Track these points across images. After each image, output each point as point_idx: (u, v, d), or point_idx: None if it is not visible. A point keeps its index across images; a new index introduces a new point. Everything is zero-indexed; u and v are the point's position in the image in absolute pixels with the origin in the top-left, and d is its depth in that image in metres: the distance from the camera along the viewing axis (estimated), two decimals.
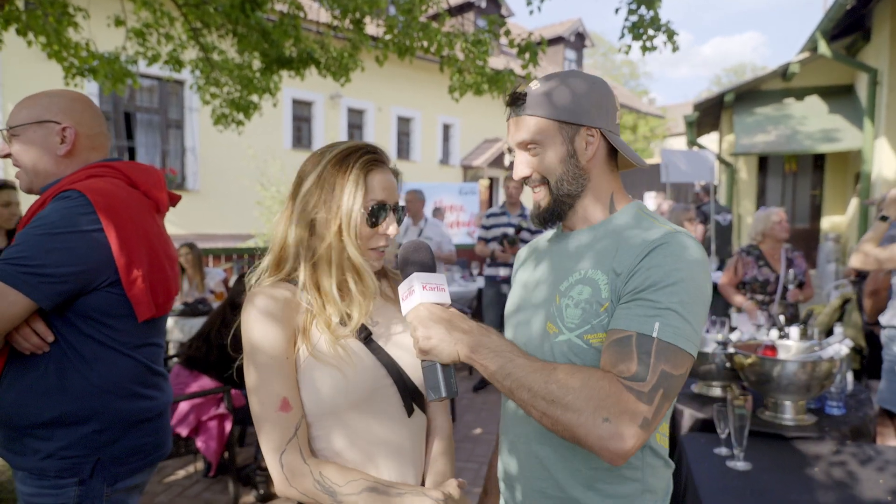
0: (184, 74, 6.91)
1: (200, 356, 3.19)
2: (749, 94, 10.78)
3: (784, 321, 3.25)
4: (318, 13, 6.14)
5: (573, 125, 1.09)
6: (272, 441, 1.05)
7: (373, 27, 5.55)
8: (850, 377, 2.73)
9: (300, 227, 1.12)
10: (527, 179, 1.14)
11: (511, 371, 0.96)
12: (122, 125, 11.00)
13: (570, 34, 20.00)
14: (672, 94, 74.31)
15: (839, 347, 2.32)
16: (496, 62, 15.04)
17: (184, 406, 3.10)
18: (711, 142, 13.35)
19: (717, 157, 10.71)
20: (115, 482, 1.49)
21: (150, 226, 1.56)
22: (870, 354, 4.15)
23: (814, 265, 9.87)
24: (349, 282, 1.12)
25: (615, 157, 1.16)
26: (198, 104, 8.96)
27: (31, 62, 7.46)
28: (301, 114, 13.91)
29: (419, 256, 1.08)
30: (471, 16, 15.75)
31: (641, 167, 1.16)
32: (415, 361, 1.13)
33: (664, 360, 0.93)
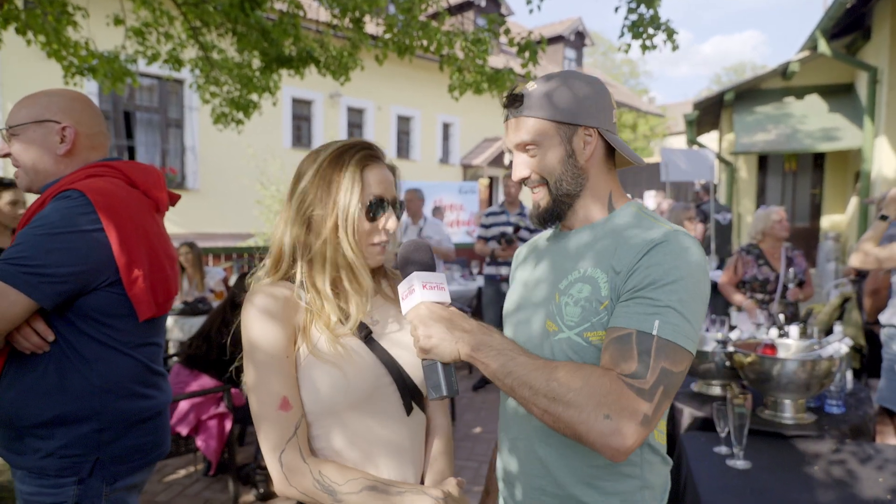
0: (183, 73, 6.89)
1: (200, 355, 3.20)
2: (749, 93, 10.78)
3: (784, 320, 3.24)
4: (318, 12, 6.13)
5: (571, 125, 1.09)
6: (271, 440, 1.05)
7: (372, 26, 5.55)
8: (850, 376, 2.73)
9: (297, 226, 1.12)
10: (526, 180, 1.15)
11: (512, 369, 0.96)
12: (122, 124, 11.00)
13: (570, 33, 19.98)
14: (672, 93, 74.46)
15: (839, 346, 2.32)
16: (496, 61, 15.05)
17: (184, 405, 3.10)
18: (711, 141, 13.34)
19: (717, 156, 10.70)
20: (115, 481, 1.49)
21: (150, 225, 1.56)
22: (869, 353, 4.15)
23: (814, 264, 9.87)
24: (343, 279, 1.12)
25: (613, 157, 1.17)
26: (197, 103, 8.96)
27: (31, 61, 7.46)
28: (301, 113, 13.90)
29: (419, 256, 1.08)
30: (470, 15, 15.74)
31: (639, 165, 1.17)
32: (415, 360, 1.13)
33: (664, 358, 0.94)
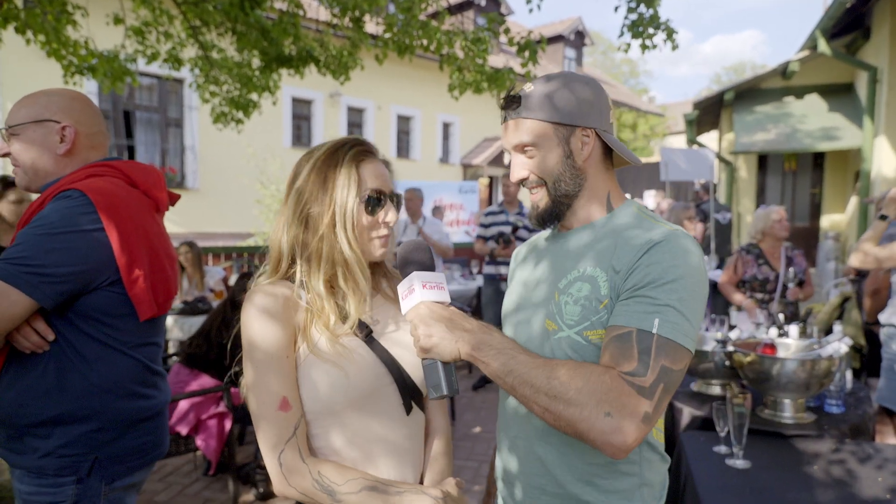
0: (183, 73, 6.90)
1: (200, 354, 3.20)
2: (749, 93, 10.78)
3: (783, 319, 3.24)
4: (318, 11, 6.14)
5: (568, 126, 1.10)
6: (270, 440, 1.05)
7: (372, 25, 5.55)
8: (850, 375, 2.73)
9: (295, 225, 1.12)
10: (524, 181, 1.15)
11: (513, 368, 0.97)
12: (122, 124, 10.99)
13: (570, 32, 19.98)
14: (672, 93, 74.51)
15: (838, 346, 2.32)
16: (496, 60, 15.06)
17: (183, 404, 3.10)
18: (711, 140, 13.34)
19: (717, 156, 10.70)
20: (113, 481, 1.49)
21: (150, 225, 1.56)
22: (869, 353, 4.15)
23: (813, 263, 9.87)
24: (339, 277, 1.12)
25: (610, 157, 1.17)
26: (197, 102, 8.95)
27: (30, 61, 7.45)
28: (301, 112, 13.89)
29: (419, 256, 1.08)
30: (470, 14, 15.73)
31: (636, 165, 1.18)
32: (415, 360, 1.13)
33: (664, 356, 0.95)
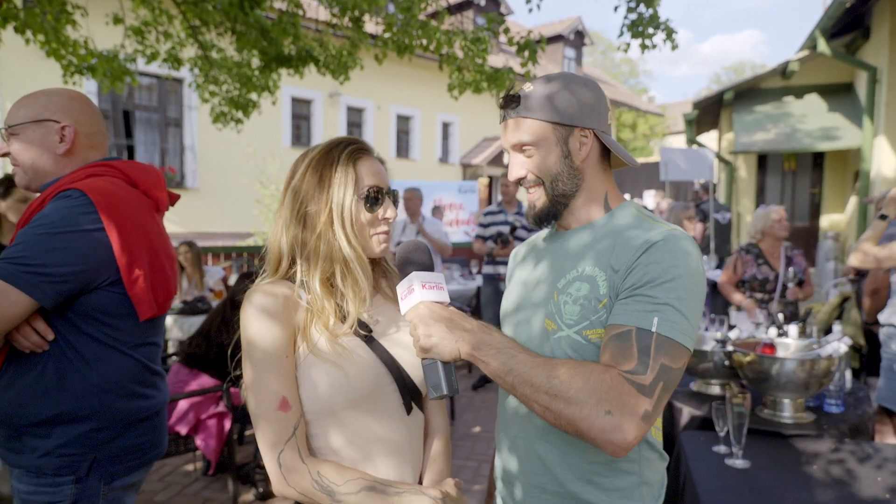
0: (182, 72, 6.90)
1: (200, 354, 3.20)
2: (748, 93, 10.78)
3: (783, 319, 3.24)
4: (317, 11, 6.14)
5: (567, 126, 1.11)
6: (270, 440, 1.05)
7: (372, 25, 5.55)
8: (849, 375, 2.73)
9: (294, 225, 1.12)
10: (522, 180, 1.16)
11: (513, 367, 0.97)
12: (121, 123, 10.98)
13: (570, 32, 19.98)
14: (671, 93, 74.54)
15: (838, 345, 2.32)
16: (495, 60, 15.06)
17: (183, 404, 3.10)
18: (711, 140, 13.35)
19: (717, 156, 10.70)
20: (112, 480, 1.49)
21: (150, 225, 1.56)
22: (869, 352, 4.15)
23: (813, 263, 9.88)
24: (336, 275, 1.12)
25: (608, 157, 1.18)
26: (197, 102, 8.95)
27: (30, 60, 7.45)
28: (300, 112, 13.89)
29: (418, 256, 1.08)
30: (470, 14, 15.75)
31: (633, 166, 1.18)
32: (415, 360, 1.13)
33: (663, 354, 0.95)
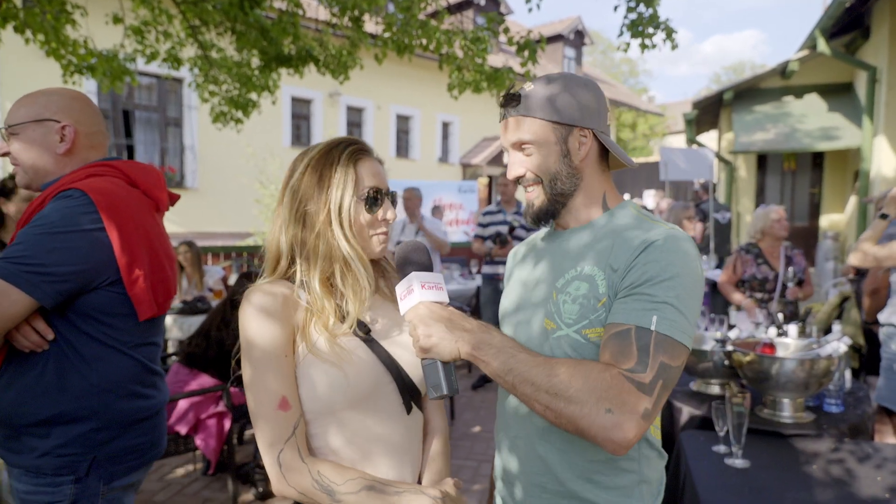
0: (182, 72, 6.90)
1: (199, 354, 3.20)
2: (748, 92, 10.79)
3: (783, 319, 3.25)
4: (317, 11, 6.15)
5: (566, 126, 1.11)
6: (269, 439, 1.05)
7: (372, 25, 5.55)
8: (849, 375, 2.73)
9: (293, 224, 1.12)
10: (520, 179, 1.17)
11: (513, 367, 0.97)
12: (121, 123, 10.98)
13: (570, 32, 19.97)
14: (671, 92, 74.59)
15: (837, 345, 2.32)
16: (495, 60, 15.06)
17: (183, 404, 3.10)
18: (711, 140, 13.35)
19: (717, 155, 10.70)
20: (111, 480, 1.49)
21: (151, 225, 1.56)
22: (868, 352, 4.16)
23: (813, 263, 9.88)
24: (336, 275, 1.12)
25: (607, 158, 1.19)
26: (196, 102, 8.94)
27: (29, 60, 7.45)
28: (300, 112, 13.89)
29: (417, 256, 1.08)
30: (470, 13, 15.73)
31: (631, 167, 1.19)
32: (414, 360, 1.13)
33: (663, 352, 0.96)
